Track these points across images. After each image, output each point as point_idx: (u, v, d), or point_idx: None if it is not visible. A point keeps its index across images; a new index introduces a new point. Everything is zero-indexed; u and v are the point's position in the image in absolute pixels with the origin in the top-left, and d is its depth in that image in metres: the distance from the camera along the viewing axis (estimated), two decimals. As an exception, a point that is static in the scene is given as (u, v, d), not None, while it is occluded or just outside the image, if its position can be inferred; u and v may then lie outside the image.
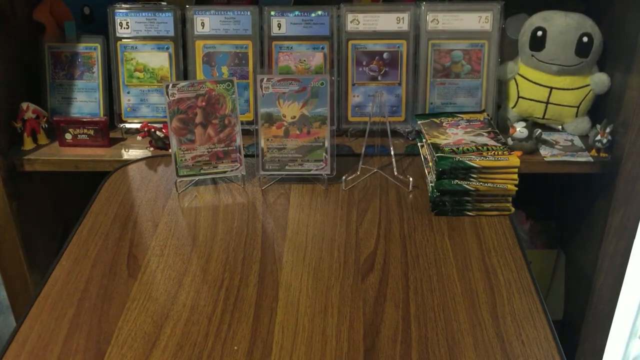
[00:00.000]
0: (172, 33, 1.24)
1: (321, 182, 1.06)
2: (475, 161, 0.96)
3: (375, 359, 0.72)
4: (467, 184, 0.96)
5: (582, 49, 1.17)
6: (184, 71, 1.26)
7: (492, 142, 1.02)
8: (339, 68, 1.22)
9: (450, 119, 1.11)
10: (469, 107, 1.23)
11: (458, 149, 0.99)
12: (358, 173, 1.07)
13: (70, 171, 1.21)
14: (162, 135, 1.19)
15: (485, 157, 0.97)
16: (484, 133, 1.03)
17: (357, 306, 0.80)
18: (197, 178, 1.06)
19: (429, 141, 1.03)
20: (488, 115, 1.14)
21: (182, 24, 1.24)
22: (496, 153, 0.98)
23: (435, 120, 1.11)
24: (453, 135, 1.04)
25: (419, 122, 1.11)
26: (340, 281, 0.84)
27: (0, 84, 1.19)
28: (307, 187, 1.06)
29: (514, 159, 0.97)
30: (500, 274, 0.85)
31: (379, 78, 1.23)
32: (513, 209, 0.98)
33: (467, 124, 1.08)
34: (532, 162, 1.16)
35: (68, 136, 1.22)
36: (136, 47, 1.25)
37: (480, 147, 0.99)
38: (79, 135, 1.21)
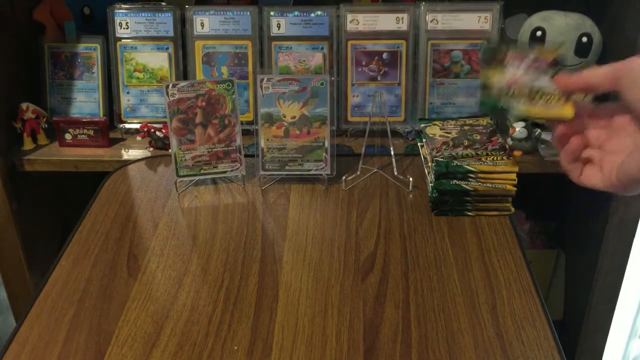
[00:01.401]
0: (171, 33, 1.24)
1: (321, 182, 1.06)
2: (474, 165, 0.96)
3: (375, 359, 0.72)
4: (465, 184, 0.97)
5: (581, 49, 1.18)
6: (183, 71, 1.26)
7: (491, 146, 1.01)
8: (338, 68, 1.22)
9: (453, 122, 1.11)
10: (469, 107, 1.23)
11: (457, 154, 0.99)
12: (358, 173, 1.07)
13: (70, 171, 1.21)
14: (162, 135, 1.19)
15: (484, 162, 0.97)
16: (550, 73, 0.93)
17: (357, 306, 0.80)
18: (197, 178, 1.06)
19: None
20: (491, 119, 1.13)
21: (182, 24, 1.24)
22: (495, 158, 0.98)
23: (437, 123, 1.10)
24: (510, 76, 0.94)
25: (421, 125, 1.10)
26: (340, 281, 0.84)
27: (0, 84, 1.19)
28: (307, 187, 1.06)
29: (513, 164, 0.97)
30: (500, 274, 0.85)
31: (379, 78, 1.23)
32: (513, 209, 0.98)
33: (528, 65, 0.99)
34: (532, 162, 1.16)
35: (68, 136, 1.22)
36: (136, 48, 1.25)
37: (479, 152, 0.99)
38: (78, 136, 1.22)
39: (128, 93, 1.26)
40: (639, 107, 0.62)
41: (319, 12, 1.21)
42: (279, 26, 1.22)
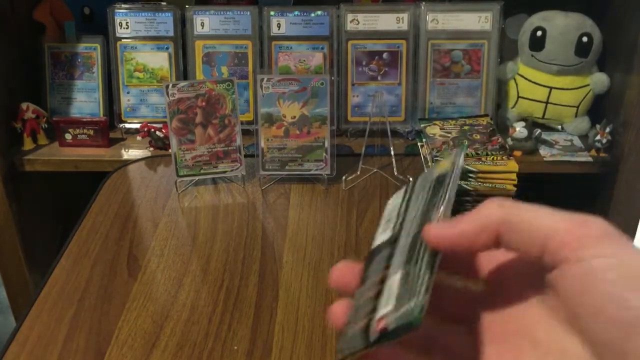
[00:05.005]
0: (171, 33, 1.24)
1: (321, 182, 1.06)
2: (475, 165, 0.96)
3: (375, 358, 0.72)
4: (465, 184, 0.97)
5: (581, 49, 1.17)
6: (183, 71, 1.26)
7: (491, 146, 1.02)
8: (338, 68, 1.22)
9: (453, 122, 1.11)
10: (469, 107, 1.23)
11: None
12: (358, 173, 1.07)
13: (70, 171, 1.21)
14: (162, 135, 1.19)
15: (484, 162, 0.97)
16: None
17: (357, 306, 0.80)
18: (197, 178, 1.06)
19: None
20: (491, 119, 1.14)
21: (182, 24, 1.24)
22: (495, 158, 0.98)
23: (437, 123, 1.11)
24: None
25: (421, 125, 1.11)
26: (340, 281, 0.84)
27: (0, 84, 1.19)
28: (307, 187, 1.06)
29: (513, 164, 0.97)
30: (500, 273, 0.85)
31: (379, 78, 1.23)
32: (513, 209, 0.98)
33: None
34: (531, 162, 1.16)
35: (68, 136, 1.22)
36: (136, 47, 1.25)
37: (479, 152, 0.99)
38: (78, 136, 1.21)
39: (128, 93, 1.26)
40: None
41: (319, 12, 1.21)
42: (279, 26, 1.22)
